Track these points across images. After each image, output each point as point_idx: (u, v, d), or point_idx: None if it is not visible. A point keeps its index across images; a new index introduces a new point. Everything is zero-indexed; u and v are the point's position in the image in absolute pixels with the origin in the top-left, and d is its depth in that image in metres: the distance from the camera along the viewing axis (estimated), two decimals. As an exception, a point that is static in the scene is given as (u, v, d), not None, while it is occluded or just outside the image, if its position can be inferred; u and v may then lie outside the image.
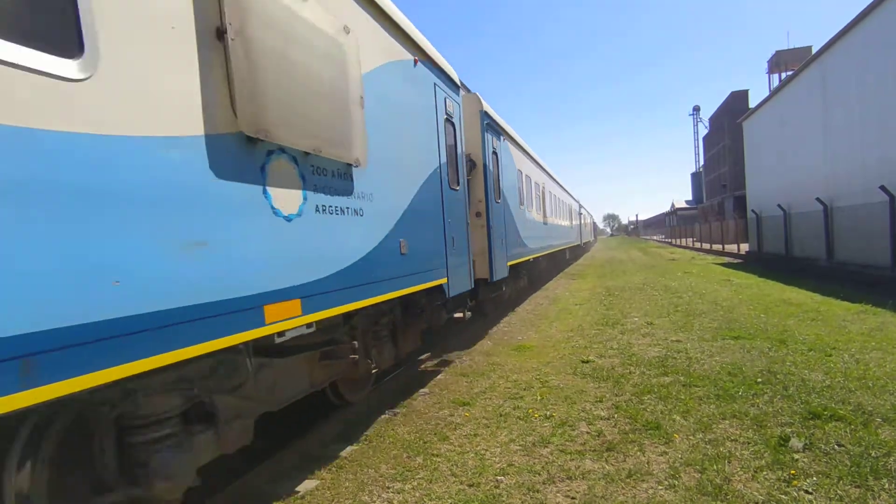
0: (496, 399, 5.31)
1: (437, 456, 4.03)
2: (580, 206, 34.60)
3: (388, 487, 3.59)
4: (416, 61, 5.59)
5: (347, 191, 3.95)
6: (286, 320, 3.16)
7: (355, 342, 4.43)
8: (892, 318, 8.11)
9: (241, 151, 2.86)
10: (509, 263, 9.93)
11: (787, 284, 13.28)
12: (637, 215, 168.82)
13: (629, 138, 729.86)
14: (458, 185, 6.87)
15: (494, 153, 9.25)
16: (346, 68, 3.86)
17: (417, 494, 3.46)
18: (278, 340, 3.35)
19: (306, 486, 3.69)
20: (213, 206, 2.63)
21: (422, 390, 5.80)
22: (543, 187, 16.29)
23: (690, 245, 43.68)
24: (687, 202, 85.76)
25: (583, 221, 37.33)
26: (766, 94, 25.78)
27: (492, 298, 9.82)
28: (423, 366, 7.07)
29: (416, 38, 5.57)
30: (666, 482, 3.36)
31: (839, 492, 3.11)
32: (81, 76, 2.03)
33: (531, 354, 7.17)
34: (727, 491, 3.19)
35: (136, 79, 2.29)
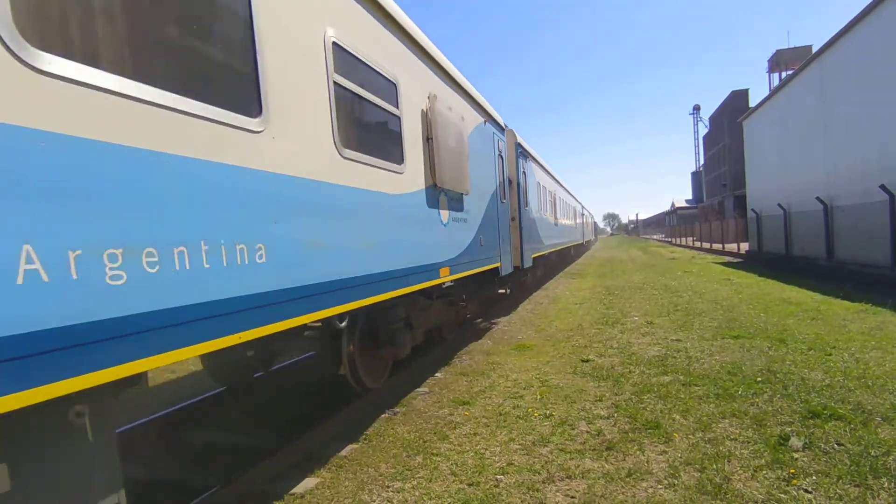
0: (496, 398, 5.32)
1: (437, 455, 4.03)
2: (583, 208, 37.43)
3: (388, 486, 3.59)
4: (485, 121, 8.59)
5: (461, 209, 6.84)
6: (446, 277, 6.18)
7: (463, 296, 7.96)
8: (892, 317, 8.12)
9: (433, 193, 5.76)
10: (532, 256, 12.53)
11: (786, 284, 13.28)
12: (637, 214, 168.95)
13: (630, 138, 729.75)
14: (505, 199, 9.95)
15: (524, 172, 12.03)
16: (462, 139, 6.77)
17: (417, 493, 3.46)
18: (444, 287, 7.13)
19: (306, 484, 3.70)
20: (425, 220, 5.59)
21: (421, 390, 5.81)
22: (554, 194, 18.48)
23: (690, 244, 43.68)
24: (687, 201, 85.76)
25: (585, 221, 40.12)
26: (767, 93, 25.76)
27: (521, 281, 13.20)
28: (478, 325, 9.92)
29: (486, 107, 8.63)
30: (665, 481, 3.37)
31: (838, 491, 3.11)
32: (402, 171, 4.97)
33: (531, 353, 7.18)
34: (727, 490, 3.19)
35: (413, 166, 5.25)
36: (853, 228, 14.30)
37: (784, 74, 47.43)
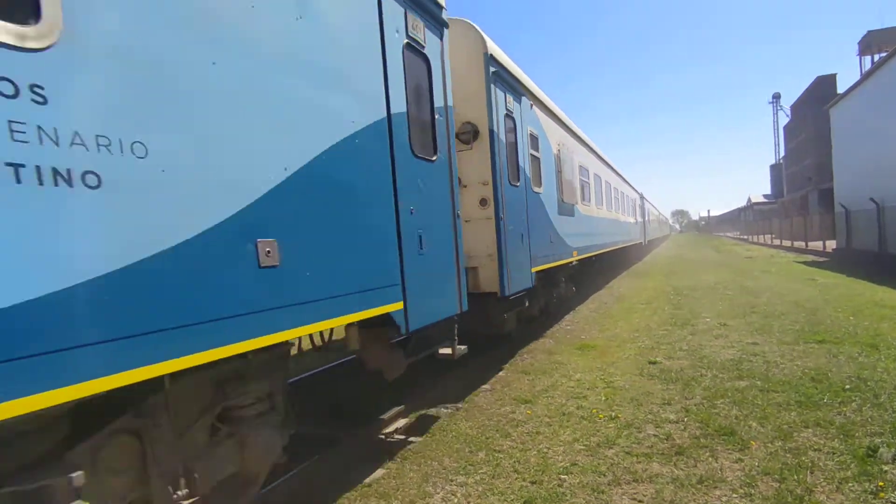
0: (559, 398, 5.27)
1: (500, 452, 4.07)
2: (641, 199, 29.18)
3: (452, 480, 3.66)
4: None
5: None
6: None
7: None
8: None
9: None
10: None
11: (879, 284, 12.19)
12: (709, 211, 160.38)
13: (701, 130, 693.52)
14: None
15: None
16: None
17: (480, 489, 3.51)
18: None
19: (374, 475, 3.84)
20: None
21: (483, 387, 5.85)
22: (588, 170, 12.55)
23: (768, 242, 40.98)
24: (765, 196, 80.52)
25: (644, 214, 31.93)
26: (857, 78, 23.72)
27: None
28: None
29: None
30: (741, 490, 3.23)
31: (939, 510, 2.86)
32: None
33: (595, 354, 7.04)
34: (808, 502, 3.01)
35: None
36: (960, 224, 12.92)
37: (876, 57, 43.43)
